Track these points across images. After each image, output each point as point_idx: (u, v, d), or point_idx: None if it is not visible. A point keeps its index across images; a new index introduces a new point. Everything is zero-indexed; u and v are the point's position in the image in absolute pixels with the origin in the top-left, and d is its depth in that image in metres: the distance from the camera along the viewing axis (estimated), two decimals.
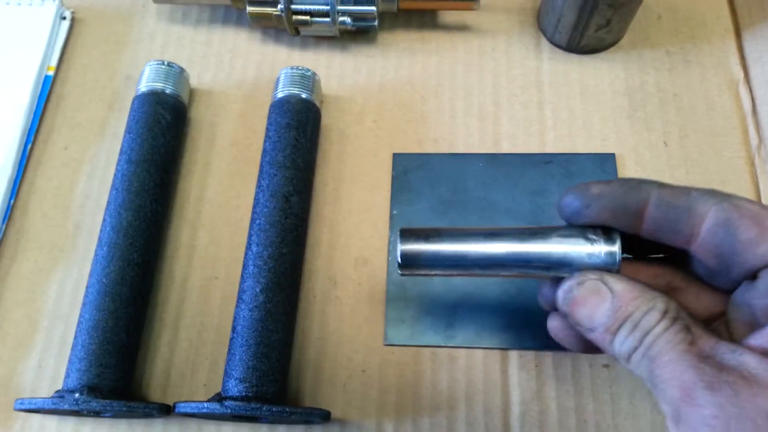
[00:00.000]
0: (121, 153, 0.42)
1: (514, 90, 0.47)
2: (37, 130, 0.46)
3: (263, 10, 0.46)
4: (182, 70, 0.45)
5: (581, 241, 0.28)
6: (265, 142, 0.43)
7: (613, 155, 0.44)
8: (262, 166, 0.42)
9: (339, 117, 0.47)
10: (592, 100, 0.47)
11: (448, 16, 0.51)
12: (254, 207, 0.41)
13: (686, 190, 0.27)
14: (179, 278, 0.42)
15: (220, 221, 0.44)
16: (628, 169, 0.44)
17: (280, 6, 0.45)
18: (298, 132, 0.43)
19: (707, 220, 0.26)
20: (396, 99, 0.48)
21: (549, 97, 0.47)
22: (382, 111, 0.47)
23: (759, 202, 0.27)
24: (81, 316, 0.38)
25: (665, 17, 0.49)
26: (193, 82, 0.48)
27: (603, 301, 0.26)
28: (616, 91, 0.47)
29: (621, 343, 0.26)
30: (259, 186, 0.42)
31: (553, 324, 0.32)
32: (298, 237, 0.41)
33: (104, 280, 0.38)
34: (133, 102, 0.44)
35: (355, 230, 0.43)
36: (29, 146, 0.46)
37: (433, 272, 0.31)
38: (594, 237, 0.28)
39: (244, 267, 0.39)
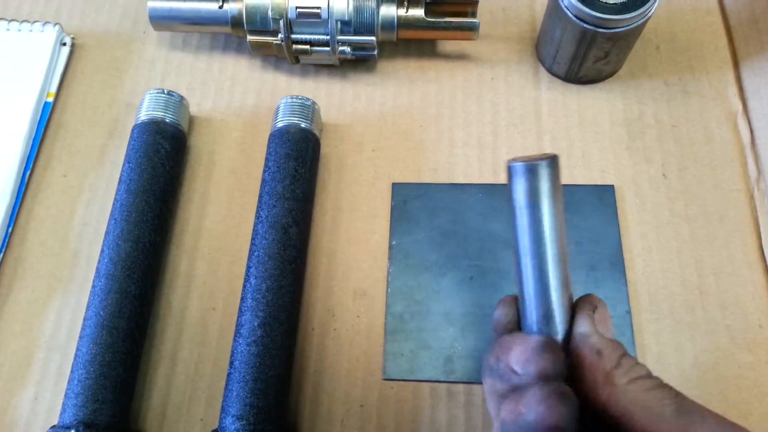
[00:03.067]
0: (120, 182, 0.42)
1: (513, 119, 0.48)
2: (36, 157, 0.46)
3: (263, 39, 0.47)
4: (182, 98, 0.46)
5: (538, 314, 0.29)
6: (264, 172, 0.43)
7: (612, 187, 0.44)
8: (261, 196, 0.42)
9: (338, 145, 0.47)
10: (591, 130, 0.47)
11: (448, 45, 0.51)
12: (253, 238, 0.41)
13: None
14: (177, 309, 0.42)
15: (219, 251, 0.44)
16: (627, 201, 0.44)
17: (280, 35, 0.46)
18: (297, 162, 0.43)
19: None
20: (395, 127, 0.48)
21: (548, 126, 0.47)
22: (381, 140, 0.47)
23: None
24: (78, 349, 0.38)
25: (663, 48, 0.49)
26: (193, 109, 0.48)
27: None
28: (614, 121, 0.47)
29: (635, 364, 0.27)
30: (258, 217, 0.41)
31: None
32: (297, 269, 0.41)
33: (101, 313, 0.38)
34: (132, 131, 0.44)
35: (354, 261, 0.43)
36: (28, 173, 0.46)
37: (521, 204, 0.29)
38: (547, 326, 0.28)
39: (242, 300, 0.39)
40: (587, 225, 0.44)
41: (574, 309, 0.29)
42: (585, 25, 0.42)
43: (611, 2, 0.41)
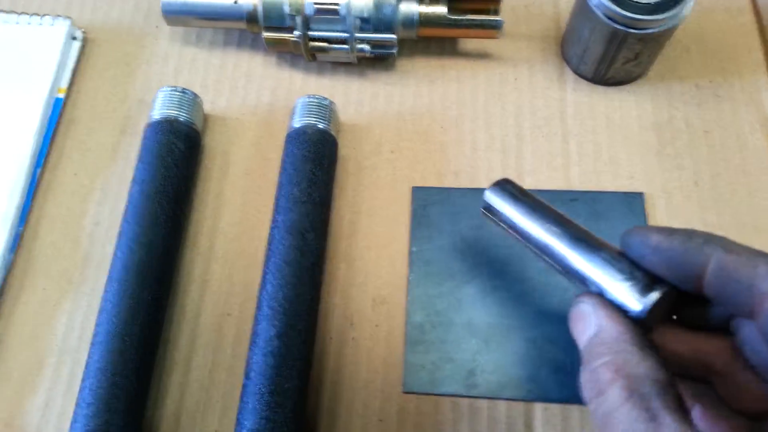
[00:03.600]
0: (134, 183, 0.41)
1: (538, 122, 0.46)
2: (47, 155, 0.45)
3: (279, 36, 0.45)
4: (196, 96, 0.44)
5: (621, 275, 0.27)
6: (280, 174, 0.42)
7: (641, 195, 0.43)
8: (277, 200, 0.41)
9: (356, 147, 0.46)
10: (619, 134, 0.45)
11: (469, 43, 0.49)
12: (269, 243, 0.40)
13: (754, 262, 0.23)
14: (191, 314, 0.41)
15: (234, 254, 0.43)
16: (658, 210, 0.43)
17: (296, 32, 0.44)
18: (314, 165, 0.41)
19: None
20: (415, 128, 0.46)
21: (574, 130, 0.46)
22: (401, 141, 0.46)
23: None
24: (90, 357, 0.37)
25: (694, 49, 0.48)
26: (207, 107, 0.47)
27: (586, 329, 0.25)
28: (643, 125, 0.45)
29: (584, 382, 0.23)
30: (274, 221, 0.40)
31: None
32: (315, 276, 0.39)
33: (114, 320, 0.37)
34: (145, 130, 0.43)
35: (373, 267, 0.42)
36: (39, 171, 0.44)
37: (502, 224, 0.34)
38: (635, 279, 0.26)
39: (259, 307, 0.38)
40: (615, 234, 0.42)
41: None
42: (615, 26, 0.40)
43: (643, 2, 0.39)
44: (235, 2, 0.45)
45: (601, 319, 0.25)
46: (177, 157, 0.42)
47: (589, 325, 0.25)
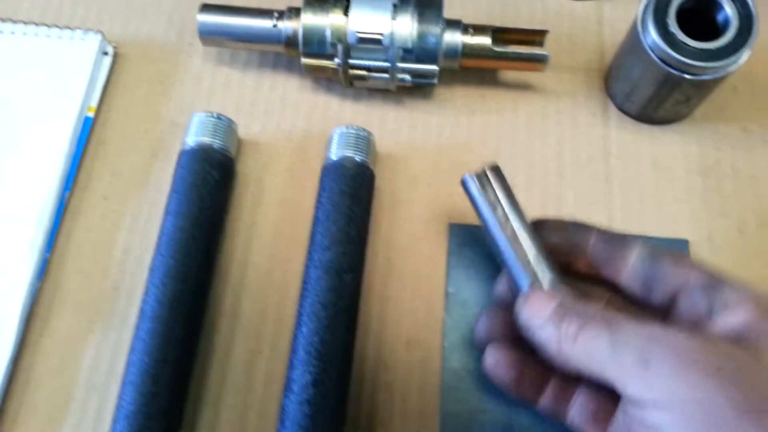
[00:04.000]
0: (167, 213, 0.40)
1: (580, 160, 0.45)
2: (76, 177, 0.44)
3: (319, 63, 0.44)
4: (231, 122, 0.43)
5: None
6: (317, 209, 0.41)
7: (685, 242, 0.42)
8: (313, 236, 0.40)
9: (392, 178, 0.45)
10: (664, 177, 0.44)
11: (510, 73, 0.48)
12: (304, 282, 0.39)
13: (620, 234, 0.35)
14: (221, 351, 0.40)
15: (266, 288, 0.42)
16: (702, 258, 0.41)
17: (336, 60, 0.43)
18: (353, 201, 0.40)
19: (636, 254, 0.33)
20: (453, 161, 0.45)
21: (617, 170, 0.44)
22: (438, 174, 0.45)
23: None
24: (121, 398, 0.36)
25: (741, 89, 0.46)
26: (241, 131, 0.45)
27: (552, 300, 0.32)
28: (689, 168, 0.44)
29: (567, 326, 0.30)
30: (310, 259, 0.39)
31: (490, 360, 0.35)
32: (351, 319, 0.38)
33: (146, 359, 0.36)
34: (180, 157, 0.41)
35: (408, 307, 0.41)
36: (67, 194, 0.43)
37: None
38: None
39: (294, 351, 0.37)
40: None
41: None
42: (670, 69, 0.39)
43: (700, 47, 0.38)
44: (275, 26, 0.43)
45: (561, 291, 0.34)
46: (212, 187, 0.41)
47: (554, 296, 0.32)
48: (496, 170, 0.37)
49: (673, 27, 0.37)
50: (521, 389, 0.34)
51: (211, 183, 0.41)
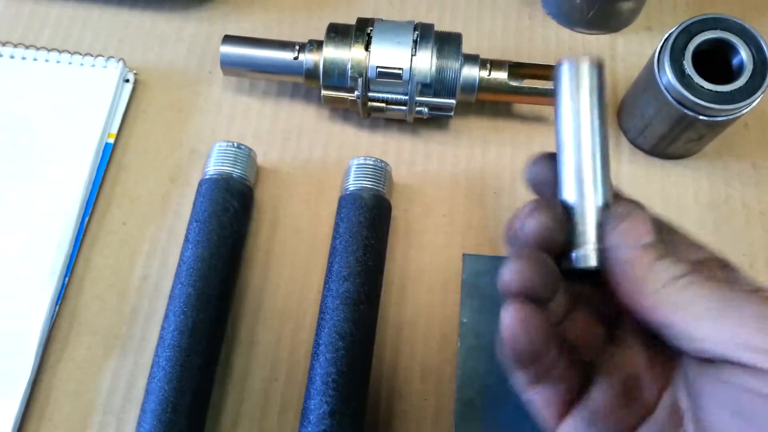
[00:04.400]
0: (187, 241, 0.40)
1: None
2: (95, 203, 0.45)
3: (338, 95, 0.44)
4: (250, 150, 0.44)
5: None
6: (334, 239, 0.41)
7: None
8: (331, 266, 0.40)
9: (407, 208, 0.45)
10: (675, 211, 0.45)
11: (524, 106, 0.49)
12: (322, 312, 0.39)
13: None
14: (237, 377, 0.41)
15: (282, 316, 0.42)
16: None
17: (356, 93, 0.44)
18: (370, 231, 0.41)
19: None
20: (468, 192, 0.46)
21: None
22: (453, 205, 0.45)
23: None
24: (140, 425, 0.36)
25: (752, 125, 0.47)
26: (259, 159, 0.46)
27: (651, 227, 0.26)
28: (700, 203, 0.45)
29: (670, 265, 0.25)
30: (327, 289, 0.40)
31: (516, 316, 0.26)
32: (368, 349, 0.39)
33: (166, 388, 0.36)
34: (200, 185, 0.42)
35: (422, 336, 0.42)
36: (87, 220, 0.44)
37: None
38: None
39: (311, 380, 0.37)
40: None
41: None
42: (685, 110, 0.40)
43: (715, 90, 0.39)
44: (296, 58, 0.44)
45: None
46: (231, 216, 0.41)
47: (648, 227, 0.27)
48: (600, 67, 0.29)
49: (689, 69, 0.38)
50: (536, 366, 0.27)
51: (230, 212, 0.41)
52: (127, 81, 0.48)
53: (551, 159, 0.29)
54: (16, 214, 0.43)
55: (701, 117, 0.39)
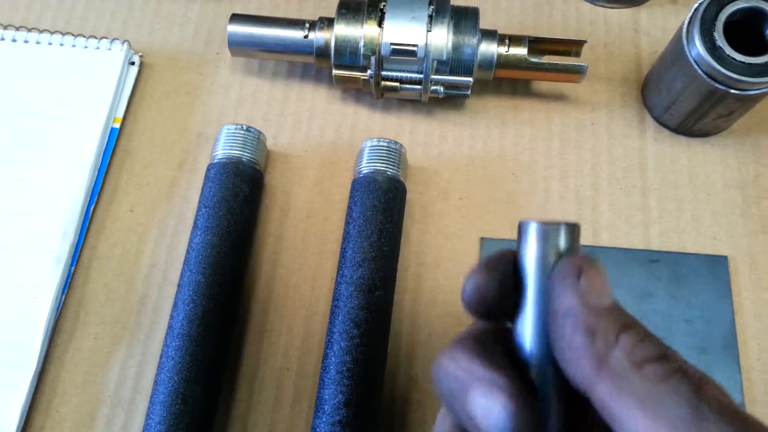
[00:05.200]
0: (195, 228, 0.39)
1: (616, 173, 0.44)
2: (101, 189, 0.43)
3: (350, 75, 0.43)
4: (260, 133, 0.42)
5: None
6: (347, 224, 0.40)
7: (725, 258, 0.41)
8: (344, 251, 0.39)
9: (423, 191, 0.44)
10: (702, 191, 0.43)
11: (543, 84, 0.47)
12: (335, 299, 0.38)
13: None
14: (248, 367, 0.39)
15: (294, 304, 0.41)
16: (742, 275, 0.40)
17: (369, 72, 0.42)
18: (384, 216, 0.39)
19: None
20: (485, 174, 0.44)
21: (654, 184, 0.43)
22: (470, 187, 0.44)
23: None
24: (149, 417, 0.35)
25: None
26: (269, 143, 0.44)
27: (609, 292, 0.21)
28: (728, 182, 0.43)
29: (637, 342, 0.20)
30: (341, 275, 0.38)
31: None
32: (383, 337, 0.37)
33: (175, 378, 0.35)
34: (208, 170, 0.41)
35: (438, 323, 0.40)
36: (92, 207, 0.43)
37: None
38: None
39: (325, 369, 0.36)
40: (698, 301, 0.40)
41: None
42: (715, 84, 0.38)
43: (748, 62, 0.37)
44: (306, 36, 0.42)
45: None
46: (241, 201, 0.40)
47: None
48: (573, 229, 0.23)
49: (721, 41, 0.36)
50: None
51: (240, 197, 0.40)
52: (133, 63, 0.47)
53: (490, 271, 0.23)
54: (20, 202, 0.42)
55: (732, 91, 0.37)
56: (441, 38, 0.40)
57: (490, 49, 0.42)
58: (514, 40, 0.42)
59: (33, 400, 0.38)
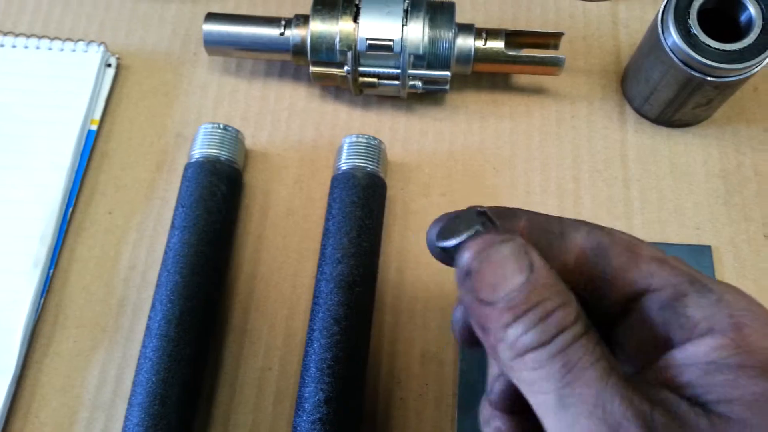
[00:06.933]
0: (173, 228, 0.39)
1: (597, 165, 0.43)
2: (79, 192, 0.43)
3: (328, 71, 0.43)
4: (238, 132, 0.42)
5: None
6: (327, 220, 0.39)
7: (709, 248, 0.40)
8: (324, 248, 0.39)
9: (403, 187, 0.43)
10: (684, 181, 0.43)
11: (523, 78, 0.47)
12: (316, 297, 0.37)
13: (558, 218, 0.24)
14: (229, 367, 0.39)
15: (275, 302, 0.40)
16: (725, 265, 0.40)
17: (346, 68, 0.42)
18: (364, 212, 0.39)
19: (579, 246, 0.23)
20: (466, 169, 0.44)
21: (635, 174, 0.43)
22: (451, 182, 0.44)
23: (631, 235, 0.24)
24: (127, 419, 0.34)
25: (762, 89, 0.45)
26: (248, 142, 0.44)
27: (518, 272, 0.20)
28: (709, 172, 0.43)
29: (522, 333, 0.20)
30: (321, 272, 0.38)
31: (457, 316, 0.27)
32: (364, 334, 0.37)
33: (153, 379, 0.35)
34: (185, 170, 0.40)
35: (421, 320, 0.40)
36: (70, 210, 0.42)
37: None
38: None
39: (305, 368, 0.36)
40: None
41: None
42: (692, 72, 0.37)
43: (723, 48, 0.36)
44: (282, 34, 0.42)
45: (534, 257, 0.21)
46: (219, 200, 0.39)
47: (522, 265, 0.20)
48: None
49: (695, 28, 0.36)
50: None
51: (218, 196, 0.39)
52: (109, 65, 0.46)
53: None
54: None
55: (709, 78, 0.37)
56: (417, 33, 0.40)
57: (467, 42, 0.42)
58: (492, 33, 0.42)
59: (12, 405, 0.37)
